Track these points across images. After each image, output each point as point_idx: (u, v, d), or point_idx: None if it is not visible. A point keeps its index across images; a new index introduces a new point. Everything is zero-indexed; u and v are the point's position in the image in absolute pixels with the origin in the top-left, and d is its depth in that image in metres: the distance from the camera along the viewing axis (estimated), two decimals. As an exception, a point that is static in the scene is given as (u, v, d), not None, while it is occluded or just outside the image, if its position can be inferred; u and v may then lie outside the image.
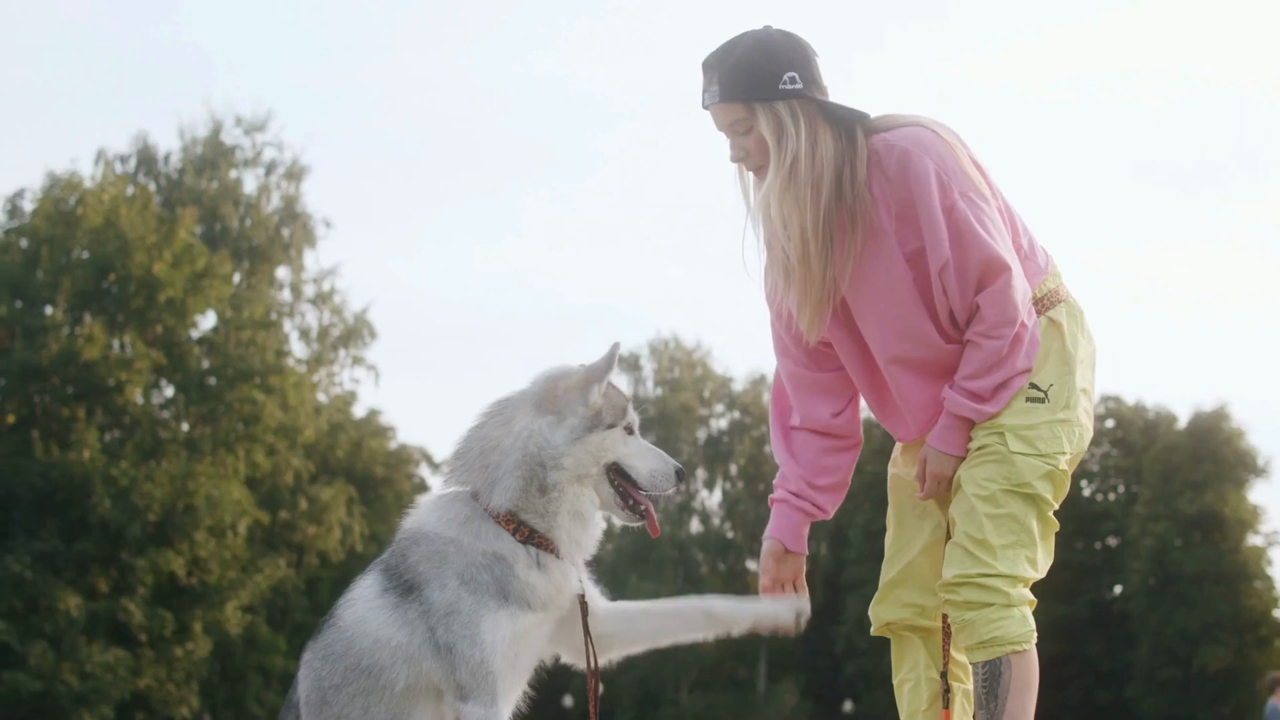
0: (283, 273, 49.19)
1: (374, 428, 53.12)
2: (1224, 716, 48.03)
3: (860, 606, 47.94)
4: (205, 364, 42.73)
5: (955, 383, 4.44)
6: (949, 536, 4.50)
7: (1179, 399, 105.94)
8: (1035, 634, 4.37)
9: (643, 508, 4.43)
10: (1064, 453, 4.43)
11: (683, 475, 4.46)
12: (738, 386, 64.75)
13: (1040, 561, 4.40)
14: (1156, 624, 48.89)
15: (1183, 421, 53.02)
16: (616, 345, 4.42)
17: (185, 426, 42.49)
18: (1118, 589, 53.64)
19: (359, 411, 52.83)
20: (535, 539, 4.28)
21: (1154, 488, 50.51)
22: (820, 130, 4.35)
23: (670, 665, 57.53)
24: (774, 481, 4.78)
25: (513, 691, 4.28)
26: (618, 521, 4.57)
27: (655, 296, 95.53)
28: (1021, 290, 4.38)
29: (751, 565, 63.71)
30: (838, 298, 4.46)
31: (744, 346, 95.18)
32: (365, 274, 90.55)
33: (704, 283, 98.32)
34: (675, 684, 58.35)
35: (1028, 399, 4.41)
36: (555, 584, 4.30)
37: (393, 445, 53.77)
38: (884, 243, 4.41)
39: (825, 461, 4.68)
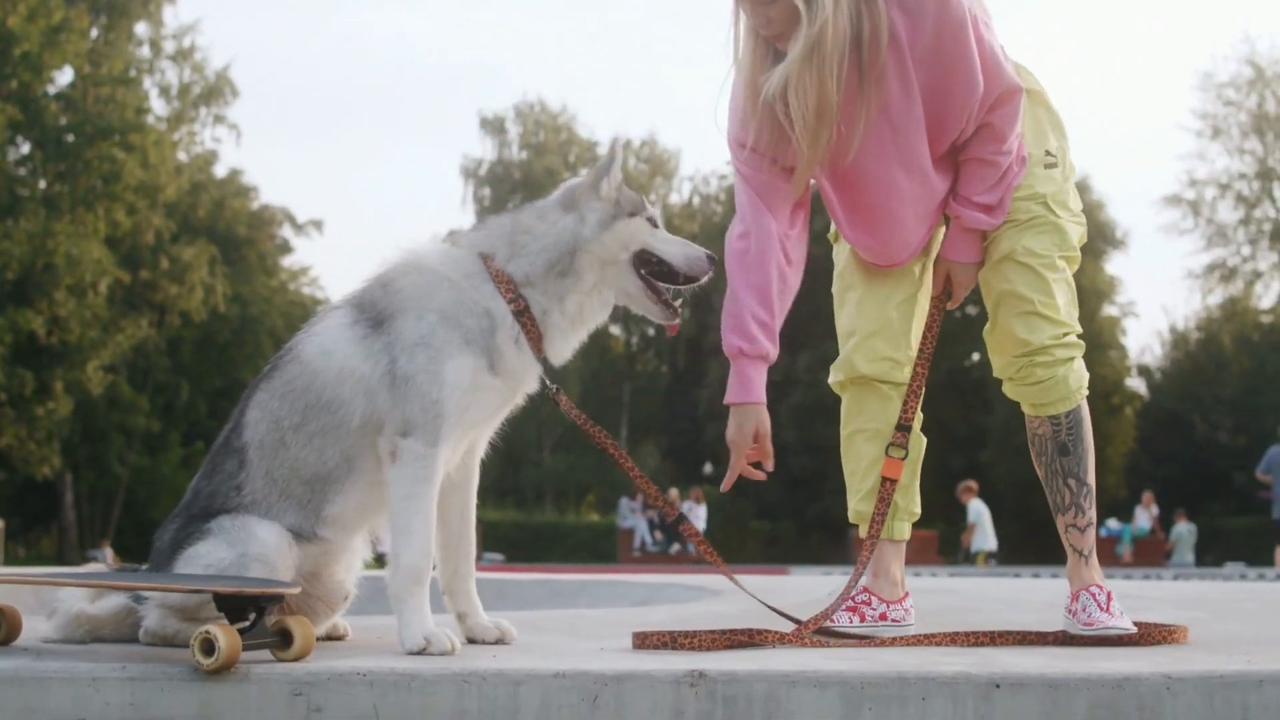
0: (142, 28, 47.98)
1: (236, 187, 52.50)
2: (1074, 481, 49.27)
3: (720, 370, 48.25)
4: (63, 120, 41.84)
5: (967, 199, 4.61)
6: (937, 298, 4.79)
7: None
8: None
9: (674, 301, 4.38)
10: (1081, 208, 4.74)
11: (714, 260, 4.37)
12: (602, 150, 64.43)
13: None
14: (1011, 391, 49.77)
15: (1043, 192, 53.52)
16: (615, 140, 4.35)
17: (43, 184, 41.79)
18: (975, 356, 54.43)
19: (220, 171, 52.34)
20: (524, 318, 4.23)
21: (1013, 257, 51.07)
22: None
23: (533, 426, 57.99)
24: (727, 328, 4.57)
25: (453, 441, 4.17)
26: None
27: (522, 57, 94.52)
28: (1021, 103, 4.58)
29: (615, 329, 64.08)
30: (842, 161, 4.46)
31: (608, 110, 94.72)
32: (226, 31, 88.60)
33: (570, 44, 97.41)
34: (538, 445, 58.85)
35: (1045, 165, 4.67)
36: (522, 366, 4.27)
37: (255, 205, 53.18)
38: (899, 80, 4.38)
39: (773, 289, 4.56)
